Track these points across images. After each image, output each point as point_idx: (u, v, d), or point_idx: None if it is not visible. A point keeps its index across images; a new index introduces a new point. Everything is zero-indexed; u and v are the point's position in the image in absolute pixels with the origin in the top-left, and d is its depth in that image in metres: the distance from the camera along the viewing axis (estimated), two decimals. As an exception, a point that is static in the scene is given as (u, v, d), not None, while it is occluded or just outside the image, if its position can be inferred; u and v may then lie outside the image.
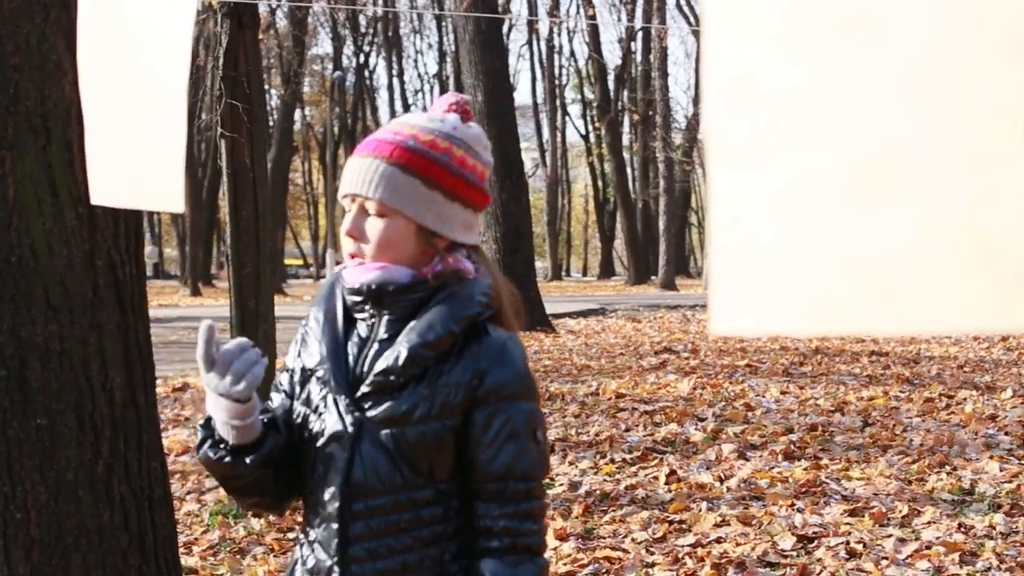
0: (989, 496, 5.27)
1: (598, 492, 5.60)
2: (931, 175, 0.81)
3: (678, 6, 40.55)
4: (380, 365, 1.96)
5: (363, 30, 46.73)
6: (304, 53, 42.06)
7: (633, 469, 6.09)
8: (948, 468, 5.87)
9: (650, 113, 37.45)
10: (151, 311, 3.44)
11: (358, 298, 2.00)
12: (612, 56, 61.88)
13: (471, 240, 2.05)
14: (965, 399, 8.03)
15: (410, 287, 1.98)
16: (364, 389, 1.96)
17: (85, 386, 2.98)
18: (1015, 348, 11.60)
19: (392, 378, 1.94)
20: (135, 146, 1.71)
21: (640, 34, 41.15)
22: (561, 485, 5.78)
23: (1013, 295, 0.78)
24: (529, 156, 45.92)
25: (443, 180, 1.99)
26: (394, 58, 48.10)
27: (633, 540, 4.81)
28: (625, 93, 43.02)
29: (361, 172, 1.98)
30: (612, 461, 6.25)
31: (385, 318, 1.99)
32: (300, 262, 62.83)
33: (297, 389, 2.06)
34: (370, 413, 1.95)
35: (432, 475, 1.95)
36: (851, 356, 10.94)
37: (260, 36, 6.55)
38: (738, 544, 4.68)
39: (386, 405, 1.95)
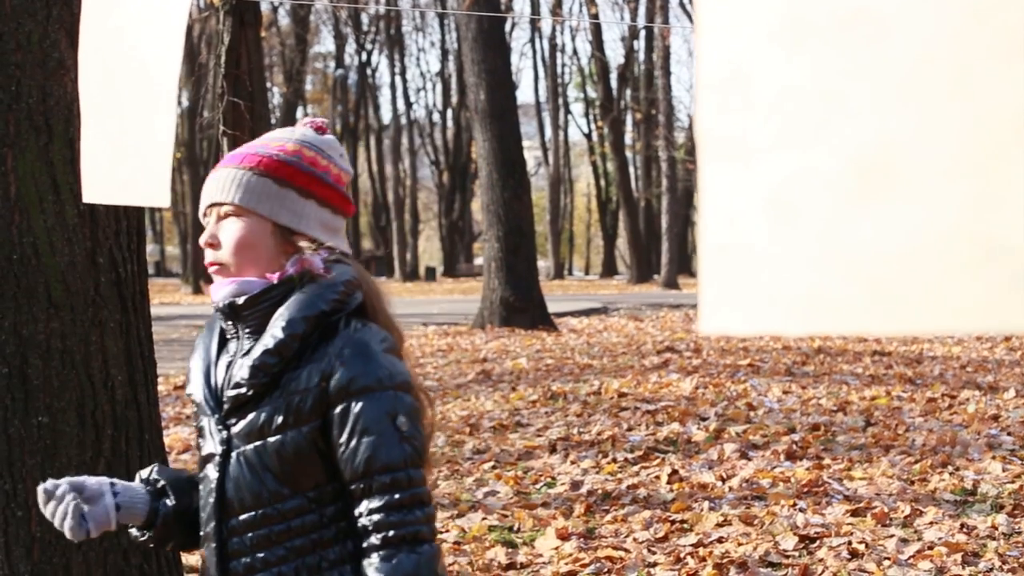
0: (992, 496, 5.26)
1: (600, 491, 5.59)
2: (929, 175, 0.80)
3: (681, 5, 40.53)
4: (233, 379, 1.97)
5: (365, 28, 46.74)
6: (306, 51, 42.09)
7: (635, 468, 6.09)
8: (950, 468, 5.86)
9: (653, 112, 37.44)
10: (153, 309, 3.44)
11: (221, 316, 2.03)
12: (615, 55, 61.94)
13: (338, 244, 2.05)
14: (968, 399, 8.02)
15: (260, 296, 1.97)
16: (226, 406, 1.98)
17: (87, 384, 2.97)
18: (1018, 348, 11.59)
19: (243, 391, 1.95)
20: (125, 142, 1.71)
21: (643, 32, 41.16)
22: (563, 484, 5.78)
23: (1010, 295, 0.77)
24: (531, 155, 45.98)
25: (295, 178, 2.01)
26: (396, 56, 48.09)
27: (635, 540, 4.81)
28: (628, 92, 43.02)
29: (215, 183, 2.02)
30: (614, 460, 6.24)
31: (246, 332, 2.00)
32: (302, 260, 62.70)
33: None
34: (234, 430, 1.97)
35: (298, 485, 1.94)
36: (854, 356, 10.93)
37: (262, 34, 6.55)
38: (740, 544, 4.68)
39: (247, 420, 1.96)
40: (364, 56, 47.55)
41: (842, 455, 6.24)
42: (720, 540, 4.76)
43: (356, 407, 1.90)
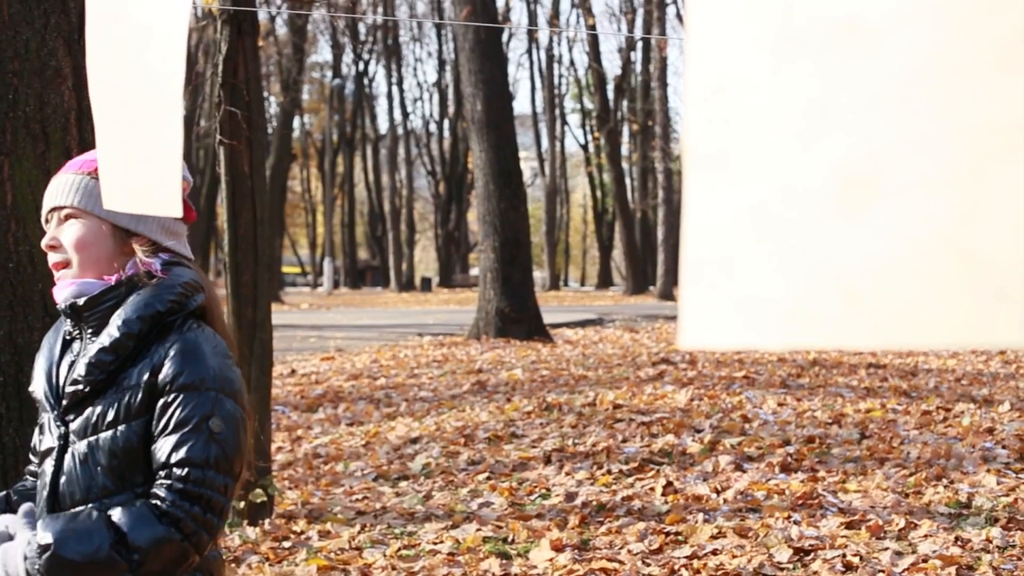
0: (986, 509, 5.27)
1: (594, 503, 5.59)
2: (913, 188, 0.80)
3: (678, 16, 40.59)
4: (71, 376, 2.02)
5: (362, 38, 46.79)
6: (303, 60, 42.10)
7: (630, 480, 6.08)
8: (945, 481, 5.86)
9: (649, 123, 37.49)
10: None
11: (65, 317, 2.09)
12: (612, 66, 62.00)
13: (179, 248, 2.11)
14: (963, 412, 8.03)
15: (100, 297, 2.03)
16: (64, 403, 2.03)
17: (81, 393, 2.97)
18: (1013, 361, 11.60)
19: (80, 388, 2.00)
20: (136, 151, 1.72)
21: (640, 44, 41.24)
22: (557, 496, 5.77)
23: (994, 310, 0.77)
24: (528, 165, 45.97)
25: None
26: (393, 66, 48.16)
27: (629, 551, 4.80)
28: (625, 103, 43.06)
29: (55, 188, 2.08)
30: (609, 472, 6.24)
31: (88, 331, 2.06)
32: (298, 270, 62.81)
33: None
34: (72, 426, 2.02)
35: (126, 479, 1.99)
36: (849, 368, 10.93)
37: (259, 43, 6.55)
38: (734, 556, 4.67)
39: (82, 416, 2.01)
40: (361, 66, 47.61)
41: (837, 468, 6.24)
42: (715, 552, 4.76)
43: (175, 402, 1.95)
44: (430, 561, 4.71)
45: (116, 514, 1.92)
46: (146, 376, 1.97)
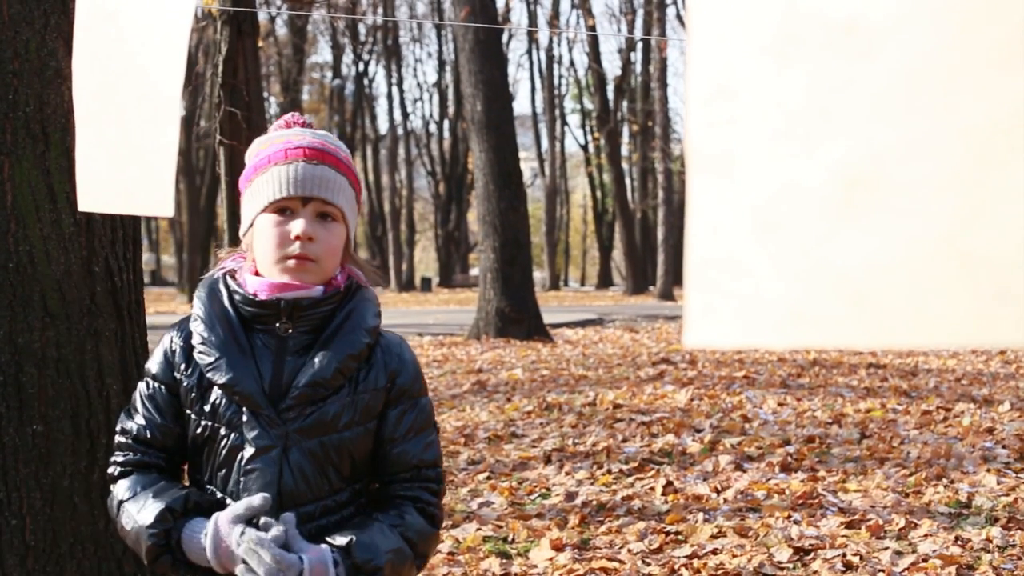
0: (986, 509, 5.26)
1: (594, 503, 5.58)
2: (915, 189, 0.80)
3: (678, 17, 40.59)
4: (305, 378, 2.02)
5: (362, 38, 46.78)
6: (303, 61, 42.11)
7: (630, 480, 6.08)
8: (945, 481, 5.86)
9: (649, 124, 37.50)
10: (148, 318, 3.43)
11: (262, 311, 2.04)
12: (612, 66, 62.01)
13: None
14: (963, 412, 8.03)
15: (322, 301, 2.06)
16: (288, 402, 2.02)
17: (81, 393, 2.97)
18: (1013, 361, 11.59)
19: (320, 390, 2.02)
20: (126, 151, 1.71)
21: (640, 45, 41.24)
22: (557, 495, 5.77)
23: (995, 309, 0.77)
24: (528, 166, 45.99)
25: (359, 195, 2.16)
26: (393, 67, 48.15)
27: (629, 551, 4.80)
28: (625, 103, 43.06)
29: (319, 177, 2.05)
30: (609, 472, 6.23)
31: (296, 331, 2.05)
32: (297, 270, 62.60)
33: (195, 404, 2.08)
34: (295, 425, 2.02)
35: (352, 477, 2.08)
36: (849, 368, 10.93)
37: (259, 44, 6.55)
38: (734, 556, 4.67)
39: (312, 416, 2.03)
40: (361, 66, 47.60)
41: (837, 467, 6.24)
42: (715, 552, 4.76)
43: (414, 407, 2.11)
44: (430, 560, 4.70)
45: (407, 528, 2.05)
46: (383, 381, 2.08)
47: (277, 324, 2.03)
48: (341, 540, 1.98)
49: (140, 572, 3.05)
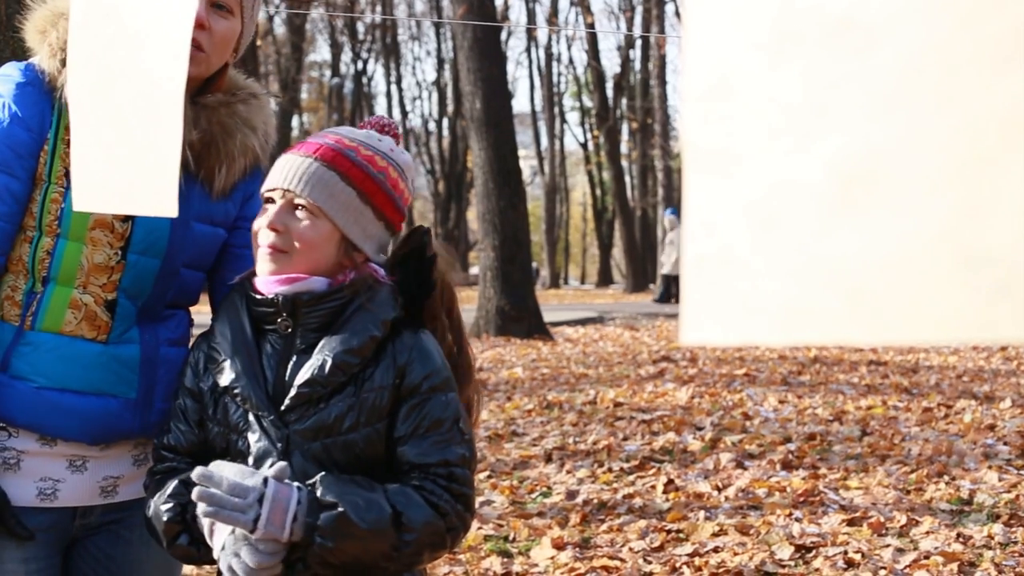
0: (988, 506, 5.26)
1: (595, 501, 5.58)
2: (913, 184, 0.79)
3: (677, 14, 40.58)
4: (303, 377, 1.96)
5: (361, 37, 46.79)
6: (302, 59, 42.10)
7: (631, 478, 6.08)
8: (947, 478, 5.85)
9: (649, 121, 37.49)
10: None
11: (268, 309, 2.00)
12: (611, 64, 62.06)
13: (380, 261, 2.10)
14: (964, 409, 8.02)
15: (326, 296, 1.99)
16: (288, 403, 1.96)
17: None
18: (1014, 358, 11.59)
19: (318, 389, 1.95)
20: (125, 150, 1.69)
21: (639, 42, 41.23)
22: (558, 494, 5.77)
23: (994, 305, 0.77)
24: (527, 164, 45.97)
25: (376, 197, 2.05)
26: (392, 65, 48.15)
27: (630, 549, 4.80)
28: (624, 101, 43.04)
29: (296, 169, 2.00)
30: (610, 470, 6.23)
31: (301, 329, 2.00)
32: (298, 269, 62.71)
33: (209, 409, 2.05)
34: (297, 427, 1.96)
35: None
36: (850, 365, 10.93)
37: (258, 42, 6.55)
38: (736, 554, 4.67)
39: (313, 417, 1.96)
40: (360, 65, 47.61)
41: (838, 465, 6.24)
42: (716, 550, 4.75)
43: (426, 404, 1.97)
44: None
45: (392, 491, 1.92)
46: (391, 378, 1.97)
47: (278, 321, 2.00)
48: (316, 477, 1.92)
49: None
